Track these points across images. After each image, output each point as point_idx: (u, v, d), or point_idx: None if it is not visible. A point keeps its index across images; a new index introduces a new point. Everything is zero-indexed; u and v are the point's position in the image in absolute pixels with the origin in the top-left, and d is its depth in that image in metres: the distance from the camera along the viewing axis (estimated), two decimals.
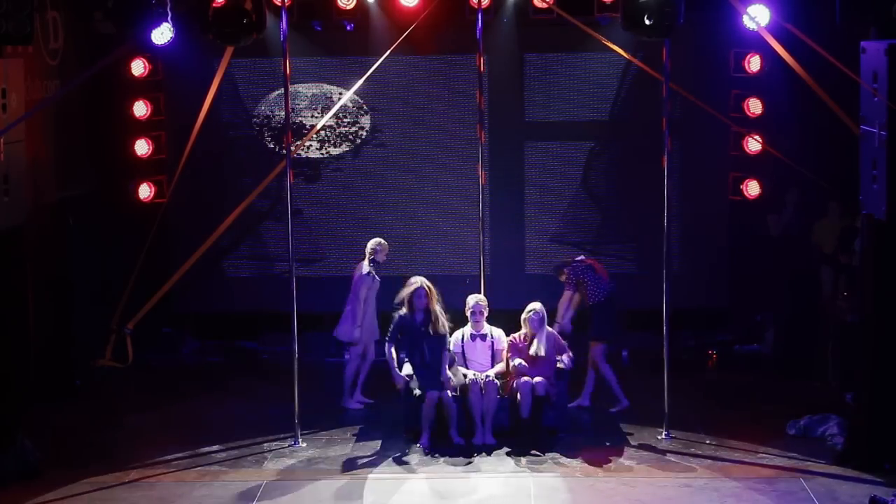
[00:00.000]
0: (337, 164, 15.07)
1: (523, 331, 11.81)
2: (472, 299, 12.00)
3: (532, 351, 11.67)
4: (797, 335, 13.92)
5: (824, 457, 11.06)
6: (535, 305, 11.82)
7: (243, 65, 14.69)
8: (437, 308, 11.77)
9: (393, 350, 11.73)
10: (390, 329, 11.79)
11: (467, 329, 12.00)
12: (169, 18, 11.68)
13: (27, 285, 11.39)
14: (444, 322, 11.77)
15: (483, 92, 13.06)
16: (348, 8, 13.64)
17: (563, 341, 11.89)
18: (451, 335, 11.86)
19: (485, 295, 12.22)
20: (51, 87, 13.12)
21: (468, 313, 11.96)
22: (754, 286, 14.67)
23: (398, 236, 14.97)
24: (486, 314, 11.96)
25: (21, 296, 11.22)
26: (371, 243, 12.77)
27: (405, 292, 11.76)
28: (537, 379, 11.50)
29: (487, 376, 11.64)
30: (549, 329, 11.86)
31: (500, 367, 11.87)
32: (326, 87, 14.90)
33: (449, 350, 11.80)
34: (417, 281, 11.84)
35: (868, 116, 10.55)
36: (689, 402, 12.37)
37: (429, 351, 11.68)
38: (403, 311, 11.79)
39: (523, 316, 11.79)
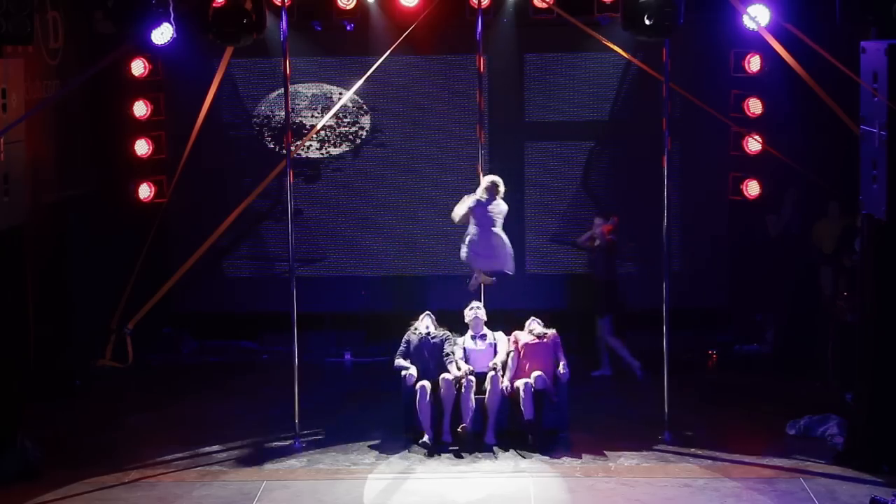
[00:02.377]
0: (337, 164, 15.07)
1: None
2: (469, 313, 12.01)
3: (537, 332, 11.81)
4: (797, 335, 13.92)
5: (824, 457, 11.06)
6: (536, 319, 11.99)
7: (243, 65, 14.69)
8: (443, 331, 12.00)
9: (400, 361, 11.83)
10: (402, 345, 11.94)
11: (468, 334, 12.01)
12: (171, 19, 11.67)
13: (27, 285, 11.38)
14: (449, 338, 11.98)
15: (483, 92, 13.06)
16: (348, 8, 13.64)
17: (561, 350, 11.90)
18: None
19: (484, 295, 12.22)
20: (51, 87, 13.12)
21: (468, 321, 11.98)
22: (754, 286, 14.67)
23: (398, 236, 15.01)
24: (484, 320, 12.00)
25: (21, 296, 11.21)
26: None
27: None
28: (535, 373, 11.50)
29: (492, 368, 11.67)
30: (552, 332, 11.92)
31: (501, 356, 11.85)
32: (326, 87, 14.91)
33: (452, 354, 11.83)
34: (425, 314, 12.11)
35: (868, 116, 10.55)
36: (689, 402, 12.36)
37: (435, 368, 11.75)
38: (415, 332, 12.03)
39: (528, 323, 11.90)
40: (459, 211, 11.97)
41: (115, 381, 14.01)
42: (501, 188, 12.01)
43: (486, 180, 12.02)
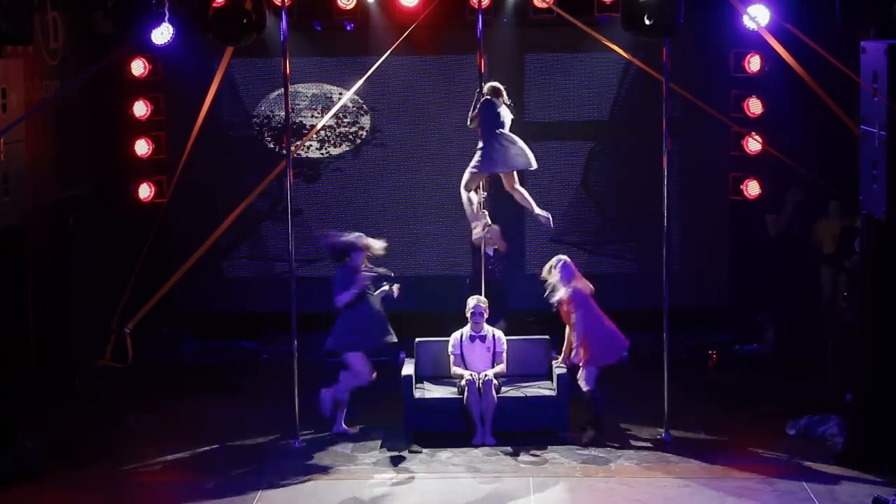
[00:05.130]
0: (337, 164, 15.08)
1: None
2: (472, 300, 12.00)
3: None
4: (797, 335, 13.92)
5: (824, 457, 11.06)
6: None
7: (243, 65, 14.70)
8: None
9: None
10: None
11: (466, 330, 12.00)
12: (166, 19, 11.66)
13: (27, 285, 11.39)
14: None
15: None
16: (348, 8, 13.65)
17: None
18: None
19: (485, 295, 12.21)
20: (51, 87, 13.13)
21: (468, 314, 11.95)
22: (754, 286, 14.67)
23: (398, 236, 14.98)
24: (486, 315, 11.95)
25: (21, 296, 11.22)
26: None
27: None
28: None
29: (486, 376, 11.64)
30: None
31: (500, 367, 11.86)
32: (326, 87, 14.92)
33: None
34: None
35: (868, 116, 10.55)
36: (689, 402, 12.37)
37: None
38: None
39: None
40: (471, 114, 11.97)
41: (115, 381, 14.00)
42: (505, 95, 11.97)
43: (488, 85, 11.99)
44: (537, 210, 12.22)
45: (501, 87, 12.00)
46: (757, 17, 12.45)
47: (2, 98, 10.42)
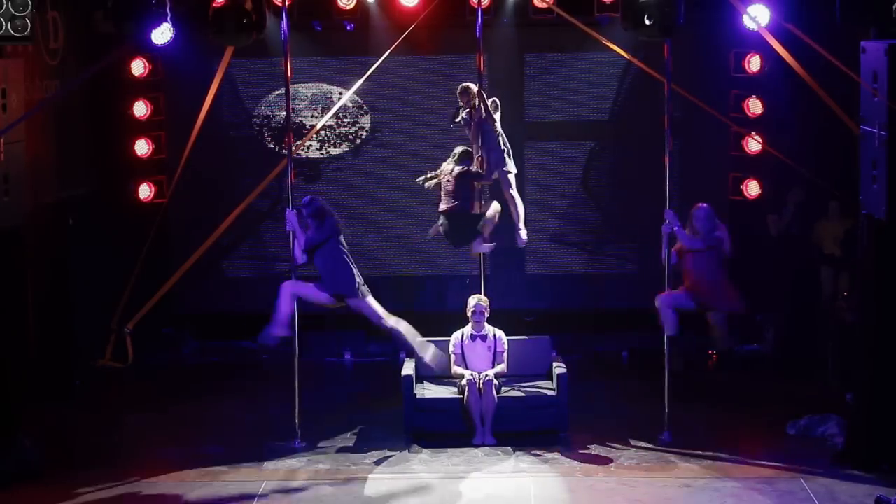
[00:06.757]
0: (337, 164, 15.08)
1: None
2: (473, 300, 12.00)
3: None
4: (797, 335, 13.93)
5: (824, 457, 11.07)
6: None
7: (243, 65, 14.70)
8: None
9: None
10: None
11: (467, 329, 12.00)
12: (168, 19, 11.66)
13: (27, 285, 11.39)
14: None
15: (483, 92, 13.04)
16: (348, 8, 13.66)
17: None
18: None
19: (485, 295, 12.22)
20: (51, 87, 13.12)
21: (469, 314, 11.95)
22: (754, 286, 14.64)
23: (398, 236, 15.00)
24: (487, 314, 11.96)
25: (21, 296, 11.22)
26: None
27: None
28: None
29: (486, 376, 11.64)
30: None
31: (500, 367, 11.87)
32: (326, 87, 14.91)
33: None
34: None
35: (868, 116, 10.56)
36: (689, 402, 12.36)
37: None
38: None
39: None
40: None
41: (115, 381, 14.01)
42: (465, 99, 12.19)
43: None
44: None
45: (468, 90, 12.24)
46: (757, 17, 12.45)
47: (2, 98, 10.43)
